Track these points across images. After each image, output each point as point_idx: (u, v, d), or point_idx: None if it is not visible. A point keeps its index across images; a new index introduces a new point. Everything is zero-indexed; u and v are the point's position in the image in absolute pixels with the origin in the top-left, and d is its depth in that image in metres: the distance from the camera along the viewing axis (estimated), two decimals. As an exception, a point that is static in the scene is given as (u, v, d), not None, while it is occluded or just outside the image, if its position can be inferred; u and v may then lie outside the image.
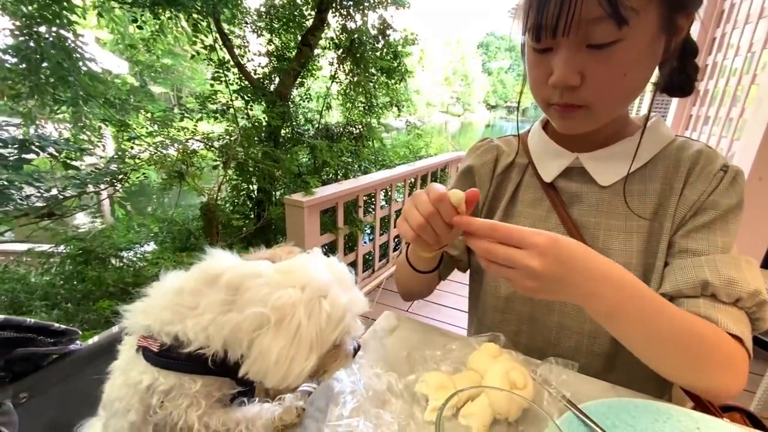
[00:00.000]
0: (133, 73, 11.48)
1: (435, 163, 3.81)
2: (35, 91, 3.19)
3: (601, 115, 0.59)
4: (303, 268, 0.56)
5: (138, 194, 6.88)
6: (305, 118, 3.17)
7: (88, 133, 3.02)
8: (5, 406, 0.70)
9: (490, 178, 0.83)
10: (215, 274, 0.57)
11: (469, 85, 53.05)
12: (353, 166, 3.27)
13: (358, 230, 2.71)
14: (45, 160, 2.02)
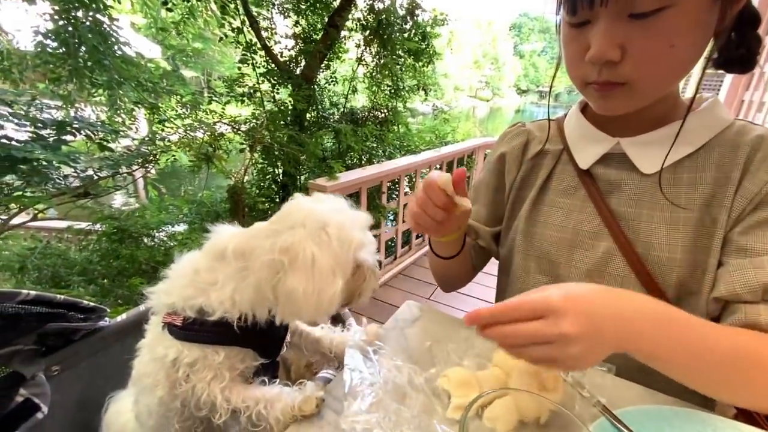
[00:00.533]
0: (166, 57, 11.75)
1: (461, 149, 3.71)
2: (74, 75, 3.32)
3: (645, 93, 0.53)
4: (295, 209, 0.57)
5: (171, 176, 7.12)
6: (330, 101, 3.13)
7: (123, 116, 3.12)
8: (38, 378, 0.73)
9: (518, 164, 0.78)
10: (222, 249, 0.60)
11: (500, 69, 51.25)
12: (377, 151, 3.23)
13: (381, 216, 2.69)
14: (82, 141, 2.10)
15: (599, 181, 0.68)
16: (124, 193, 6.14)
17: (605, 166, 0.67)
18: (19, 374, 0.69)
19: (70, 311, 0.72)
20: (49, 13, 3.32)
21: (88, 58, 3.21)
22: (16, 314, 0.66)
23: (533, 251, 0.73)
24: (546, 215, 0.72)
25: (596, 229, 0.66)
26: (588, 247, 0.67)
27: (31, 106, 2.40)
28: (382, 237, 2.95)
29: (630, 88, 0.51)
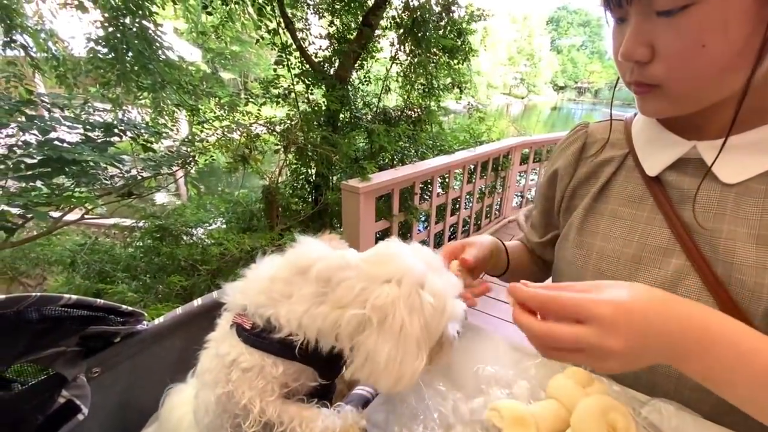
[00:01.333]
0: (206, 60, 12.24)
1: (497, 149, 3.59)
2: (121, 79, 3.49)
3: (679, 96, 0.48)
4: (394, 258, 0.52)
5: (209, 175, 7.41)
6: (364, 101, 3.11)
7: (165, 118, 3.25)
8: (79, 380, 0.75)
9: (571, 172, 0.71)
10: (306, 265, 0.54)
11: (536, 65, 49.60)
12: (410, 152, 3.18)
13: (413, 218, 2.64)
14: (128, 144, 2.19)
15: (670, 190, 0.60)
16: (167, 192, 6.44)
17: (678, 172, 0.59)
18: (61, 376, 0.70)
19: (109, 315, 0.73)
20: (99, 21, 3.50)
21: (135, 63, 3.37)
22: (59, 317, 0.67)
23: (589, 266, 0.65)
24: (605, 227, 0.65)
25: (665, 244, 0.58)
26: (655, 264, 0.59)
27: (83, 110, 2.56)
28: (414, 239, 2.90)
29: (662, 90, 0.48)
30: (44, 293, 0.64)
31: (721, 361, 0.37)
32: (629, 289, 0.38)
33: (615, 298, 0.37)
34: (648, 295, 0.38)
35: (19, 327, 0.65)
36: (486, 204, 3.81)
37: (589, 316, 0.36)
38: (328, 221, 2.91)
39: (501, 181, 3.96)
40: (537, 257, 0.85)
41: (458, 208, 3.38)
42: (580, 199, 0.70)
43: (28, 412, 0.70)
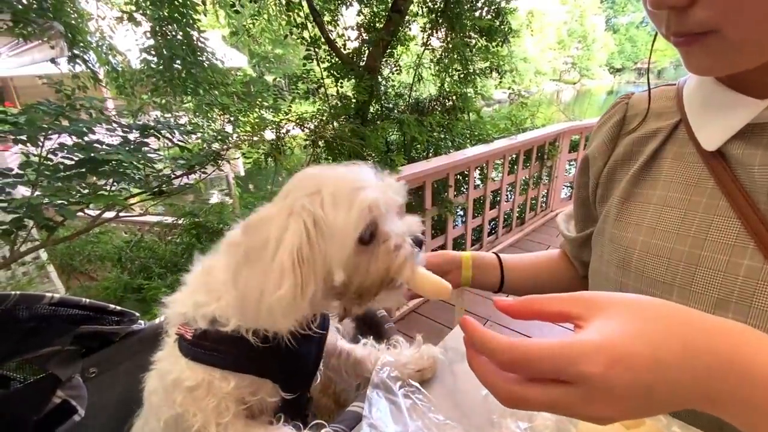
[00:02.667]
0: (252, 65, 12.78)
1: (541, 136, 3.32)
2: (169, 85, 3.70)
3: (737, 45, 0.35)
4: (298, 176, 0.43)
5: (256, 174, 7.74)
6: (395, 92, 3.01)
7: (205, 120, 3.37)
8: (75, 380, 0.73)
9: (606, 153, 0.58)
10: (235, 238, 0.46)
11: (589, 47, 46.27)
12: (445, 142, 3.03)
13: (448, 212, 2.50)
14: (164, 147, 2.27)
15: (737, 167, 0.44)
16: (218, 191, 6.81)
17: (747, 144, 0.43)
18: (55, 376, 0.69)
19: (101, 314, 0.71)
20: (147, 31, 3.71)
21: (181, 69, 3.55)
22: (48, 316, 0.65)
23: (630, 267, 0.51)
24: (651, 217, 0.50)
25: (734, 240, 0.43)
26: (719, 266, 0.43)
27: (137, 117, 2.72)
28: (450, 234, 2.76)
29: (719, 36, 0.36)
30: (24, 292, 0.62)
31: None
32: (633, 316, 0.26)
33: (610, 339, 0.25)
34: (663, 327, 0.26)
35: (9, 325, 0.64)
36: (531, 196, 3.55)
37: (573, 375, 0.25)
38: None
39: (547, 170, 3.68)
40: (577, 262, 0.73)
41: (498, 201, 3.18)
42: (617, 183, 0.56)
43: (24, 412, 0.69)
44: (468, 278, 0.76)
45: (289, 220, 0.37)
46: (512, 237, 3.39)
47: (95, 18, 4.67)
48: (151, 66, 3.68)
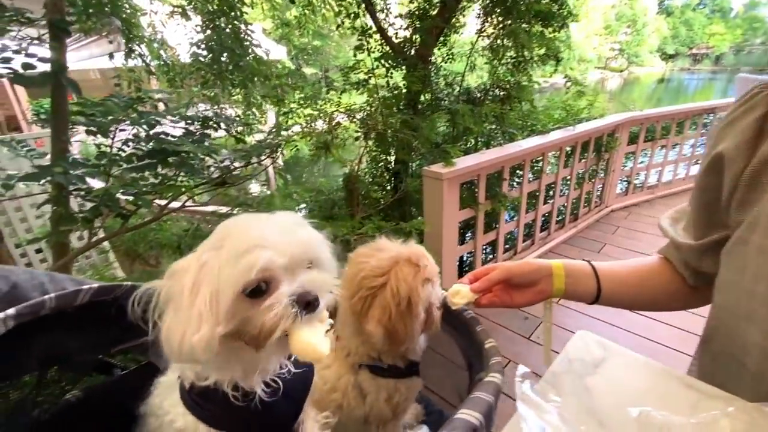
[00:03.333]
0: (290, 57, 12.96)
1: (600, 127, 3.12)
2: (218, 78, 3.79)
3: None
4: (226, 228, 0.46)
5: (294, 165, 7.90)
6: (446, 81, 2.91)
7: (255, 111, 3.43)
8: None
9: (746, 155, 0.50)
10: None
11: (639, 32, 43.24)
12: (496, 134, 2.90)
13: (501, 206, 2.40)
14: (222, 139, 2.31)
15: None
16: (258, 182, 7.00)
17: None
18: (154, 365, 0.69)
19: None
20: (199, 25, 3.81)
21: (229, 61, 3.63)
22: (151, 306, 0.65)
23: None
24: None
25: None
26: None
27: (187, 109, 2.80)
28: (502, 229, 2.66)
29: None
30: (135, 283, 0.62)
31: None
32: None
33: None
34: None
35: (119, 313, 0.65)
36: (585, 191, 3.37)
37: None
38: (407, 210, 2.80)
39: (604, 164, 3.47)
40: (688, 271, 0.66)
41: (552, 196, 3.03)
42: (766, 187, 0.48)
43: (126, 399, 0.71)
44: (560, 289, 0.70)
45: (201, 272, 0.42)
46: (565, 233, 3.23)
47: (148, 12, 4.85)
48: (200, 59, 3.78)
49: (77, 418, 0.63)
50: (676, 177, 4.15)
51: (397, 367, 0.71)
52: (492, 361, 0.71)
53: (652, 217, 3.65)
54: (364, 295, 0.63)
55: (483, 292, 0.73)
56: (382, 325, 0.61)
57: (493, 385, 0.67)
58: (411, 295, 0.63)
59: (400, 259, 0.64)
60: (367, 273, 0.63)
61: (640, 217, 3.67)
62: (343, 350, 0.72)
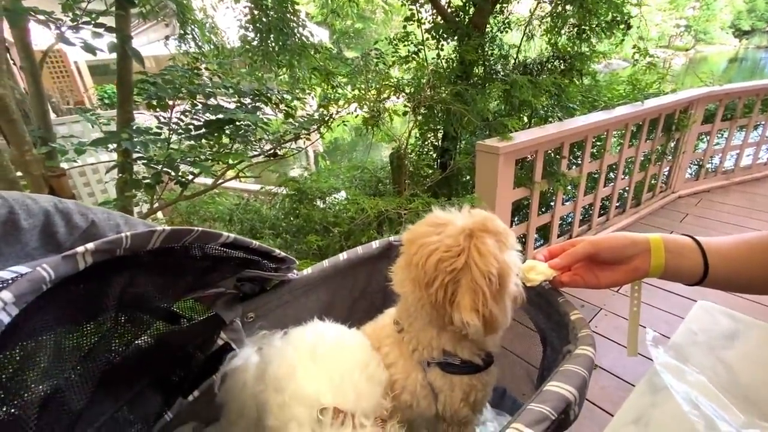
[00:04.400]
0: (332, 41, 12.98)
1: (672, 103, 2.82)
2: (265, 58, 3.84)
3: None
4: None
5: (335, 150, 8.01)
6: (500, 53, 2.73)
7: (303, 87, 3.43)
8: (236, 324, 0.73)
9: None
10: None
11: (709, 6, 39.01)
12: (553, 109, 2.70)
13: (559, 186, 2.24)
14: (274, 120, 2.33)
15: None
16: (299, 165, 7.16)
17: None
18: (220, 318, 0.68)
19: (263, 259, 0.69)
20: (247, 6, 3.85)
21: (275, 42, 3.66)
22: (219, 257, 0.64)
23: None
24: None
25: None
26: None
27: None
28: (557, 212, 2.49)
29: None
30: (205, 229, 0.60)
31: None
32: None
33: None
34: None
35: (185, 263, 0.64)
36: (650, 174, 3.08)
37: None
38: (455, 189, 2.70)
39: (673, 145, 3.15)
40: None
41: (614, 178, 2.79)
42: None
43: (192, 349, 0.71)
44: (660, 266, 0.59)
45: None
46: (625, 219, 2.99)
47: (200, -4, 4.97)
48: (248, 40, 3.84)
49: (146, 363, 0.62)
50: (757, 161, 3.71)
51: (473, 363, 0.63)
52: (581, 333, 0.64)
53: (726, 204, 3.29)
54: (446, 281, 0.54)
55: (563, 269, 0.65)
56: (478, 312, 0.53)
57: (587, 358, 0.59)
58: (502, 269, 0.54)
59: (473, 229, 0.55)
60: (443, 254, 0.54)
61: (712, 205, 3.32)
62: (408, 344, 0.64)
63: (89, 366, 0.49)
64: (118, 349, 0.54)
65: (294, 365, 0.58)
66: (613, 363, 1.79)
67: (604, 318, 2.10)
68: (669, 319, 2.02)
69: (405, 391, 0.62)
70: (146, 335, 0.64)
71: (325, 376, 0.56)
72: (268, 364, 0.62)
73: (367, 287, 0.93)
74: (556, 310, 0.69)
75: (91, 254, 0.49)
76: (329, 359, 0.59)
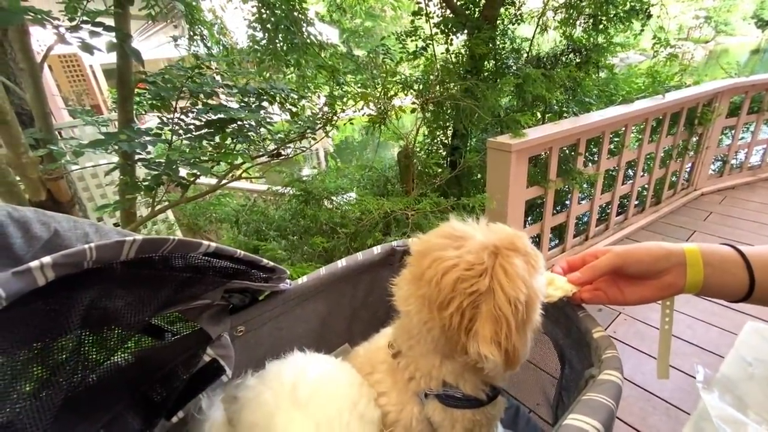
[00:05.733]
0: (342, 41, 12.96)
1: (695, 96, 2.68)
2: (273, 58, 3.82)
3: None
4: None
5: (345, 149, 8.00)
6: (512, 46, 2.64)
7: (309, 85, 3.39)
8: (224, 339, 0.67)
9: None
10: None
11: (730, -4, 37.70)
12: (568, 105, 2.60)
13: (575, 184, 2.14)
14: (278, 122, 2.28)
15: None
16: (309, 165, 7.17)
17: None
18: (206, 332, 0.63)
19: (252, 269, 0.63)
20: (255, 6, 3.83)
21: (283, 42, 3.63)
22: (202, 266, 0.58)
23: None
24: None
25: None
26: None
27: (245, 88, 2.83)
28: (573, 211, 2.39)
29: None
30: (183, 238, 0.55)
31: None
32: None
33: None
34: None
35: (165, 275, 0.59)
36: (670, 170, 2.95)
37: None
38: (466, 188, 2.62)
39: (695, 140, 3.00)
40: None
41: (633, 175, 2.67)
42: None
43: (176, 366, 0.66)
44: (698, 282, 0.51)
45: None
46: (644, 218, 2.87)
47: (208, -3, 4.97)
48: (256, 40, 3.82)
49: (125, 382, 0.57)
50: (786, 157, 3.52)
51: (474, 399, 0.55)
52: (606, 355, 0.56)
53: (752, 202, 3.13)
54: (464, 304, 0.46)
55: (583, 284, 0.58)
56: (499, 346, 0.46)
57: (614, 386, 0.52)
58: (530, 297, 0.47)
59: (498, 247, 0.48)
60: (463, 272, 0.46)
61: (737, 202, 3.16)
62: (404, 371, 0.56)
63: (49, 393, 0.43)
64: (84, 372, 0.49)
65: (272, 412, 0.51)
66: (633, 371, 1.69)
67: (623, 323, 2.00)
68: (692, 324, 1.91)
69: (398, 426, 0.55)
70: (126, 352, 0.59)
71: (310, 421, 0.50)
72: (242, 409, 0.55)
73: (368, 297, 0.86)
74: (576, 326, 0.62)
75: (51, 268, 0.43)
76: (313, 401, 0.52)
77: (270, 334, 0.73)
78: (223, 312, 0.67)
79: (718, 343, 1.79)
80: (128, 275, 0.52)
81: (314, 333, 0.81)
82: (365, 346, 0.68)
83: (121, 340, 0.53)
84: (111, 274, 0.51)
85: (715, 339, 1.81)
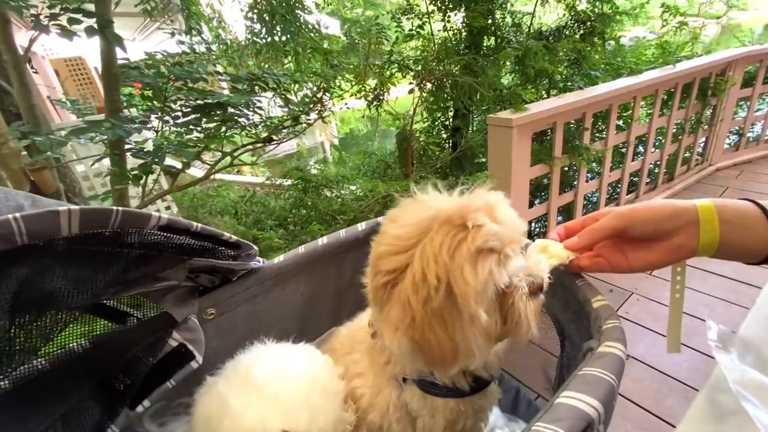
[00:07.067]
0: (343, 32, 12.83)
1: (707, 65, 2.55)
2: (270, 47, 3.77)
3: None
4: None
5: (349, 140, 7.98)
6: (513, 20, 2.53)
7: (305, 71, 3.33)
8: (191, 322, 0.62)
9: None
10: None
11: (744, -33, 36.27)
12: (573, 79, 2.48)
13: (583, 161, 2.05)
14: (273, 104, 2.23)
15: None
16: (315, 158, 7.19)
17: None
18: (169, 315, 0.58)
19: (215, 245, 0.58)
20: (252, -1, 3.76)
21: (281, 31, 3.58)
22: (159, 243, 0.54)
23: None
24: None
25: None
26: None
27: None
28: (581, 190, 2.30)
29: None
30: (129, 209, 0.49)
31: None
32: None
33: None
34: None
35: (114, 250, 0.54)
36: (683, 145, 2.82)
37: None
38: (468, 170, 2.54)
39: (709, 112, 2.87)
40: None
41: (644, 151, 2.56)
42: None
43: (139, 352, 0.61)
44: (713, 242, 0.45)
45: None
46: (657, 196, 2.76)
47: (205, -8, 4.92)
48: (255, 32, 3.77)
49: (83, 369, 0.53)
50: (806, 127, 3.35)
51: (457, 388, 0.49)
52: (606, 325, 0.50)
53: (771, 176, 3.00)
54: (382, 283, 0.40)
55: (582, 250, 0.51)
56: (404, 334, 0.38)
57: (615, 359, 0.45)
58: (452, 282, 0.37)
59: (438, 219, 0.40)
60: (385, 247, 0.40)
61: (755, 177, 3.03)
62: (381, 353, 0.50)
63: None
64: (26, 358, 0.44)
65: (225, 399, 0.46)
66: (647, 352, 1.62)
67: (636, 303, 1.92)
68: (709, 302, 1.82)
69: (374, 409, 0.50)
70: (81, 337, 0.55)
71: (268, 399, 0.45)
72: (196, 406, 0.51)
73: (355, 276, 0.81)
74: (574, 296, 0.56)
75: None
76: (271, 380, 0.47)
77: (246, 316, 0.68)
78: (190, 294, 0.62)
79: (739, 322, 1.70)
80: (71, 252, 0.47)
81: (298, 315, 0.76)
82: (348, 325, 0.63)
83: (64, 323, 0.49)
84: (50, 250, 0.46)
85: (735, 317, 1.73)
